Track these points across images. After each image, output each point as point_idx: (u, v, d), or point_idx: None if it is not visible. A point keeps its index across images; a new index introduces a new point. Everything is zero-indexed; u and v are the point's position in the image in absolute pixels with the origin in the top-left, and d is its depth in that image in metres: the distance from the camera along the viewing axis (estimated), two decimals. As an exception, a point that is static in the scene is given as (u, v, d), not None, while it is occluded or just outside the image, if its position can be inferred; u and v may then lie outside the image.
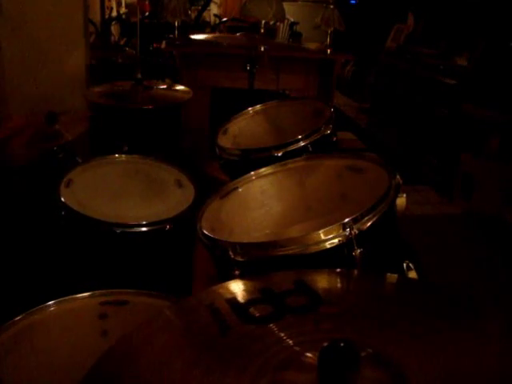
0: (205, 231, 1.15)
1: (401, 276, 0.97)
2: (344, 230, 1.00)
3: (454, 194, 3.67)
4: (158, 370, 0.62)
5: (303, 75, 3.50)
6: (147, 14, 5.08)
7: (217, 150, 1.72)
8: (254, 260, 1.04)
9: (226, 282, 0.82)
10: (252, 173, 1.43)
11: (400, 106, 4.89)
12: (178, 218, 1.52)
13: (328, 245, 1.00)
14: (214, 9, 6.30)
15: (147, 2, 5.11)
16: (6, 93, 2.73)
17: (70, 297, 1.12)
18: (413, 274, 1.09)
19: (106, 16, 5.27)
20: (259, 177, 1.43)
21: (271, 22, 4.26)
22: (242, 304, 0.74)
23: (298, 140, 1.55)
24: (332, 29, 3.58)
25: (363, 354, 0.61)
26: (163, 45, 3.89)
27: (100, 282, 1.24)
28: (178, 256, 1.61)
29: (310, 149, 1.54)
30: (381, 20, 5.79)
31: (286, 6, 4.51)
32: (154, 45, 4.31)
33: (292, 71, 3.44)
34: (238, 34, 2.40)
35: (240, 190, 1.40)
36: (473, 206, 3.49)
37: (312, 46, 3.97)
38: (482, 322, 0.70)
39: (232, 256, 1.05)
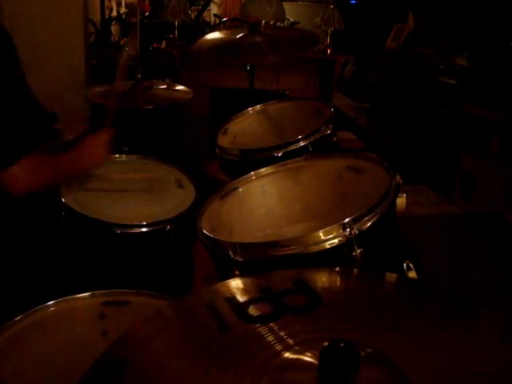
0: (205, 231, 1.15)
1: (401, 276, 0.98)
2: (344, 230, 1.01)
3: (454, 193, 3.67)
4: (158, 370, 0.62)
5: (303, 75, 3.50)
6: (147, 14, 5.08)
7: (217, 150, 1.72)
8: (254, 260, 1.04)
9: (225, 281, 0.82)
10: (252, 173, 1.43)
11: (400, 106, 4.88)
12: (178, 219, 1.52)
13: (328, 245, 1.01)
14: (214, 9, 6.29)
15: (147, 2, 5.11)
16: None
17: (70, 297, 1.12)
18: (413, 274, 1.10)
19: (106, 16, 5.27)
20: (259, 177, 1.43)
21: (271, 22, 4.26)
22: (241, 303, 0.74)
23: (298, 140, 1.55)
24: (332, 29, 3.58)
25: (363, 353, 0.61)
26: (163, 45, 3.89)
27: (100, 282, 1.24)
28: (178, 256, 1.61)
29: (310, 149, 1.55)
30: (381, 20, 5.77)
31: (286, 5, 4.52)
32: (154, 45, 4.31)
33: (292, 71, 3.44)
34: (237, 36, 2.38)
35: (240, 189, 1.40)
36: (473, 205, 3.48)
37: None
38: (482, 322, 0.70)
39: (232, 256, 1.05)
